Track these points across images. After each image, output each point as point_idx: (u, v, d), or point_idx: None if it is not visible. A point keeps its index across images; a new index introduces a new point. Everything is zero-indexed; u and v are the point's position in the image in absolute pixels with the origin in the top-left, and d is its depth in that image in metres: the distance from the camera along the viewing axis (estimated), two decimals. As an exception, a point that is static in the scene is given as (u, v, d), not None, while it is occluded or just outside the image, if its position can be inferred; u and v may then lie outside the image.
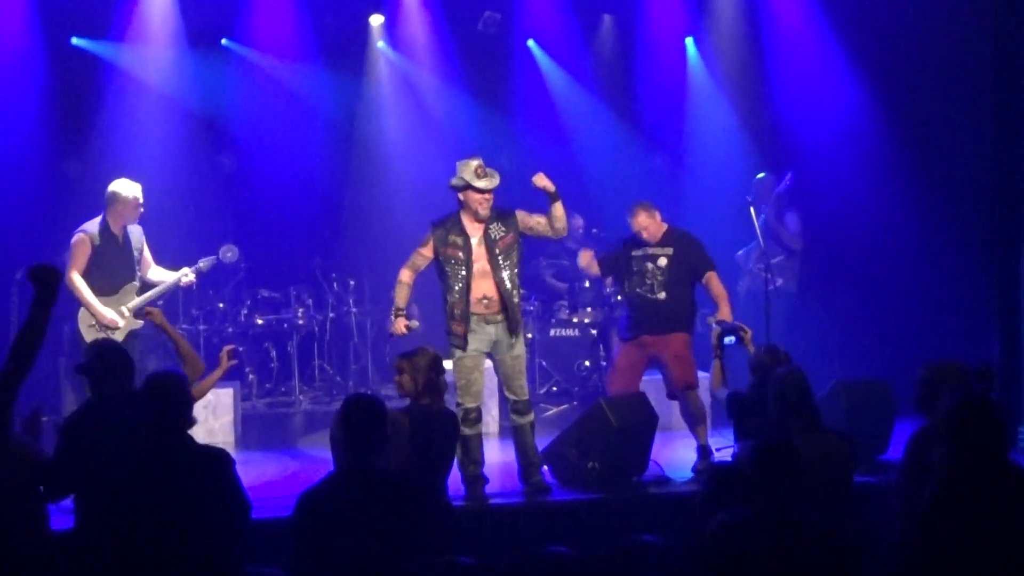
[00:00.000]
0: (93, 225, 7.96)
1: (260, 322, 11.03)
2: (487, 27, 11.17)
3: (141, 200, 8.00)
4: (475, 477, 6.98)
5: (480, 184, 6.98)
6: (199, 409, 6.76)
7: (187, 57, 10.98)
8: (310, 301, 11.18)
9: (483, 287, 7.01)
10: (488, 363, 7.39)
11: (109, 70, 10.93)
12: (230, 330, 10.85)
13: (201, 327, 10.71)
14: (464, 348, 7.00)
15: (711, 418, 7.92)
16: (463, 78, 11.68)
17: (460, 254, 6.99)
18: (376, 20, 11.56)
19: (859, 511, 5.42)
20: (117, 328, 7.83)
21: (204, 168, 11.42)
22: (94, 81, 10.90)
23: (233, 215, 11.52)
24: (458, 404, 6.97)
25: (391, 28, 11.62)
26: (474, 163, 7.03)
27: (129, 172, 10.23)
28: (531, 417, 7.16)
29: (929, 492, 4.28)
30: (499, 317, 7.04)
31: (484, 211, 7.02)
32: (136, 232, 8.08)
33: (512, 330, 7.06)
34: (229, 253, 10.96)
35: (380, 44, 11.72)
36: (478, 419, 7.04)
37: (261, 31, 11.12)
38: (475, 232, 7.06)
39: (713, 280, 7.78)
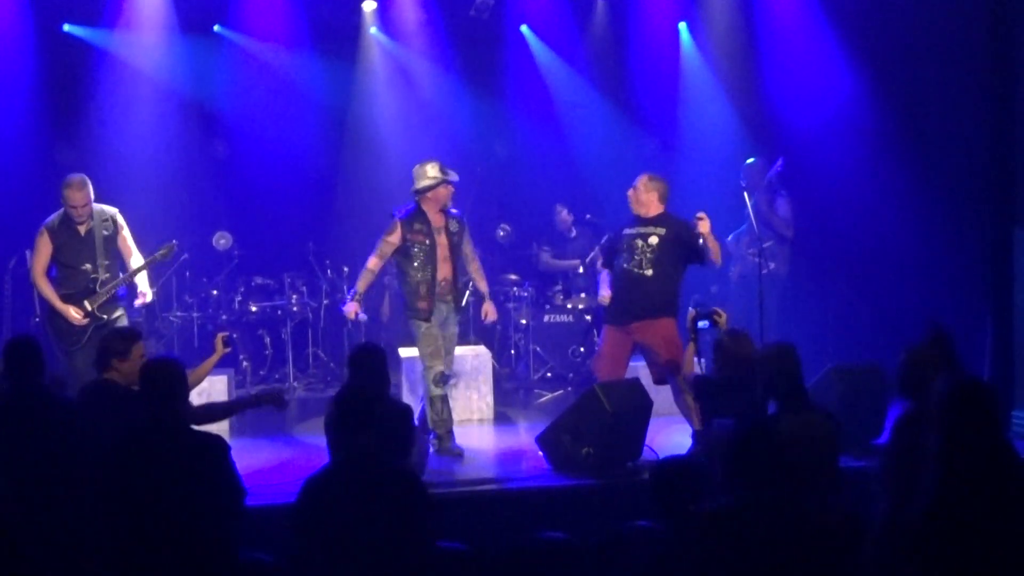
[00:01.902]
0: (53, 218, 7.86)
1: (254, 309, 11.02)
2: (480, 12, 11.13)
3: (76, 187, 7.71)
4: (446, 434, 7.86)
5: (452, 177, 8.12)
6: (194, 396, 6.82)
7: (179, 44, 10.95)
8: (304, 288, 11.17)
9: (443, 271, 8.04)
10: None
11: (101, 57, 10.90)
12: (224, 317, 10.84)
13: (195, 314, 10.71)
14: (428, 320, 7.98)
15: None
16: (456, 64, 11.67)
17: (426, 240, 8.00)
18: (369, 6, 11.54)
19: (847, 492, 5.43)
20: (80, 323, 7.72)
21: (197, 155, 11.40)
22: (86, 68, 10.87)
23: (226, 202, 11.51)
24: (428, 368, 7.96)
25: (384, 14, 11.60)
26: (436, 163, 8.09)
27: (122, 159, 10.32)
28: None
29: (927, 477, 4.28)
30: (449, 298, 8.10)
31: (449, 201, 8.13)
32: (106, 220, 7.88)
33: (456, 310, 8.22)
34: (223, 240, 11.00)
35: (373, 30, 11.70)
36: (446, 380, 8.08)
37: (253, 17, 11.09)
38: (438, 223, 8.08)
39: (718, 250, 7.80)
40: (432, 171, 8.03)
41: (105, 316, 7.76)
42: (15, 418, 5.48)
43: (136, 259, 7.99)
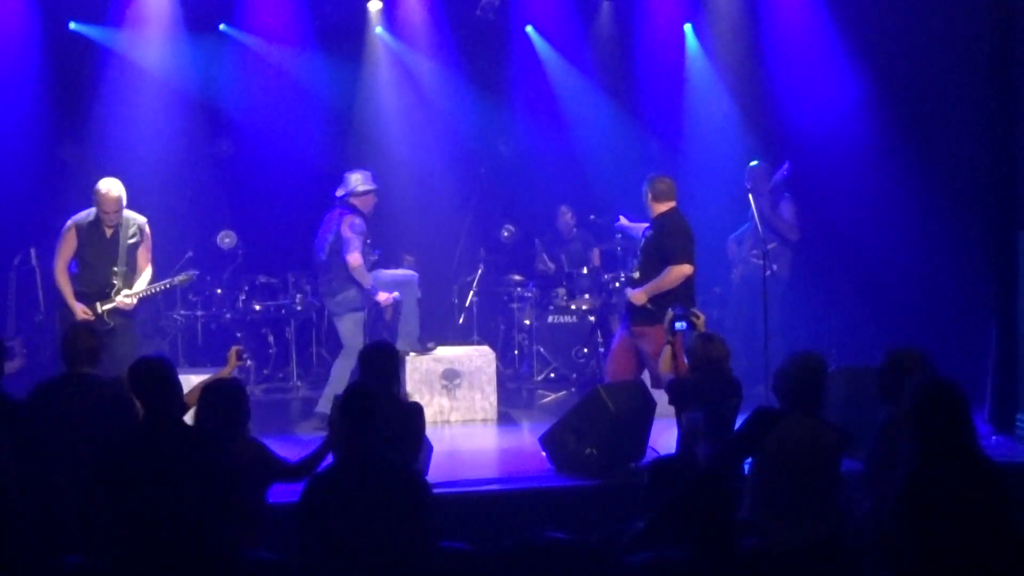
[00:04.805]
0: (82, 216, 8.07)
1: (258, 308, 11.01)
2: (485, 13, 11.14)
3: (114, 197, 7.94)
4: None
5: None
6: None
7: (185, 42, 10.96)
8: (308, 287, 11.16)
9: None
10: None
11: (107, 55, 10.91)
12: (228, 316, 10.83)
13: (199, 313, 10.71)
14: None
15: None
16: (461, 64, 11.67)
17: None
18: (374, 6, 11.54)
19: (845, 501, 5.45)
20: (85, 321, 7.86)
21: (202, 154, 11.41)
22: (92, 66, 10.88)
23: (231, 201, 11.52)
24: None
25: (389, 14, 11.60)
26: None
27: (126, 157, 10.31)
28: None
29: (899, 478, 4.31)
30: None
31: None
32: (133, 228, 8.09)
33: None
34: (227, 239, 11.00)
35: (378, 30, 11.70)
36: None
37: (259, 16, 11.10)
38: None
39: (671, 271, 7.63)
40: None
41: (111, 323, 7.96)
42: None
43: (146, 274, 8.18)
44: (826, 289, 10.43)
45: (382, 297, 9.09)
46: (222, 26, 11.26)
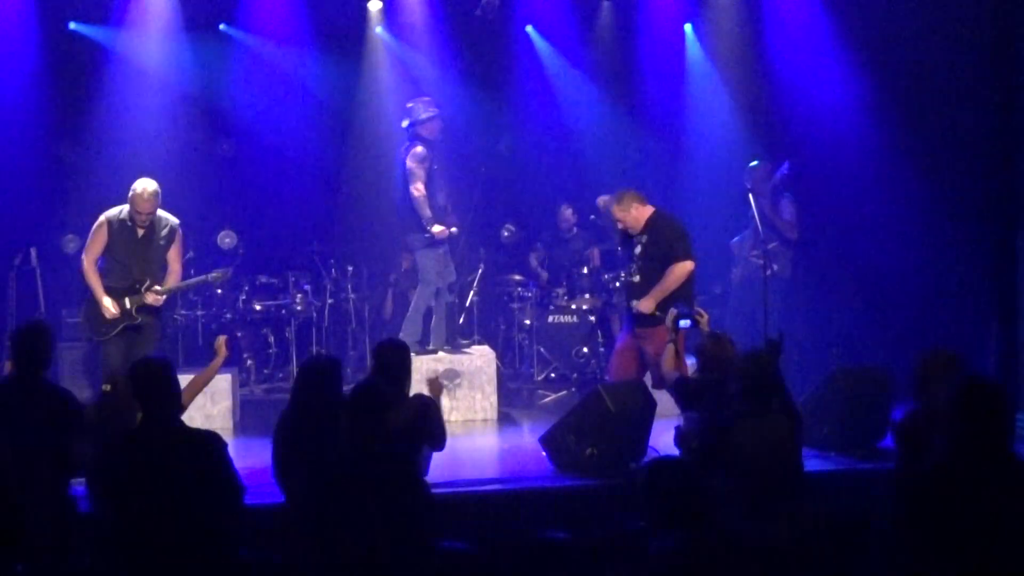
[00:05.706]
0: (115, 212, 8.08)
1: (258, 308, 11.02)
2: (486, 13, 11.13)
3: (146, 198, 7.95)
4: None
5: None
6: (199, 397, 6.85)
7: (185, 42, 10.97)
8: (308, 287, 11.18)
9: None
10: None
11: (107, 55, 10.92)
12: (228, 316, 10.84)
13: (199, 313, 10.70)
14: None
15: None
16: (461, 64, 11.67)
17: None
18: (374, 5, 11.54)
19: (849, 495, 5.46)
20: (113, 316, 7.94)
21: (202, 153, 11.42)
22: (91, 66, 10.89)
23: (231, 200, 11.51)
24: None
25: (389, 13, 11.59)
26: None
27: (126, 158, 10.32)
28: None
29: (927, 474, 4.29)
30: None
31: None
32: (165, 228, 8.15)
33: None
34: (227, 239, 11.01)
35: (378, 29, 11.70)
36: None
37: (259, 16, 11.10)
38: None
39: (674, 270, 7.71)
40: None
41: (139, 318, 8.02)
42: None
43: (176, 274, 8.25)
44: (827, 289, 10.42)
45: (437, 229, 9.18)
46: (222, 26, 11.26)
